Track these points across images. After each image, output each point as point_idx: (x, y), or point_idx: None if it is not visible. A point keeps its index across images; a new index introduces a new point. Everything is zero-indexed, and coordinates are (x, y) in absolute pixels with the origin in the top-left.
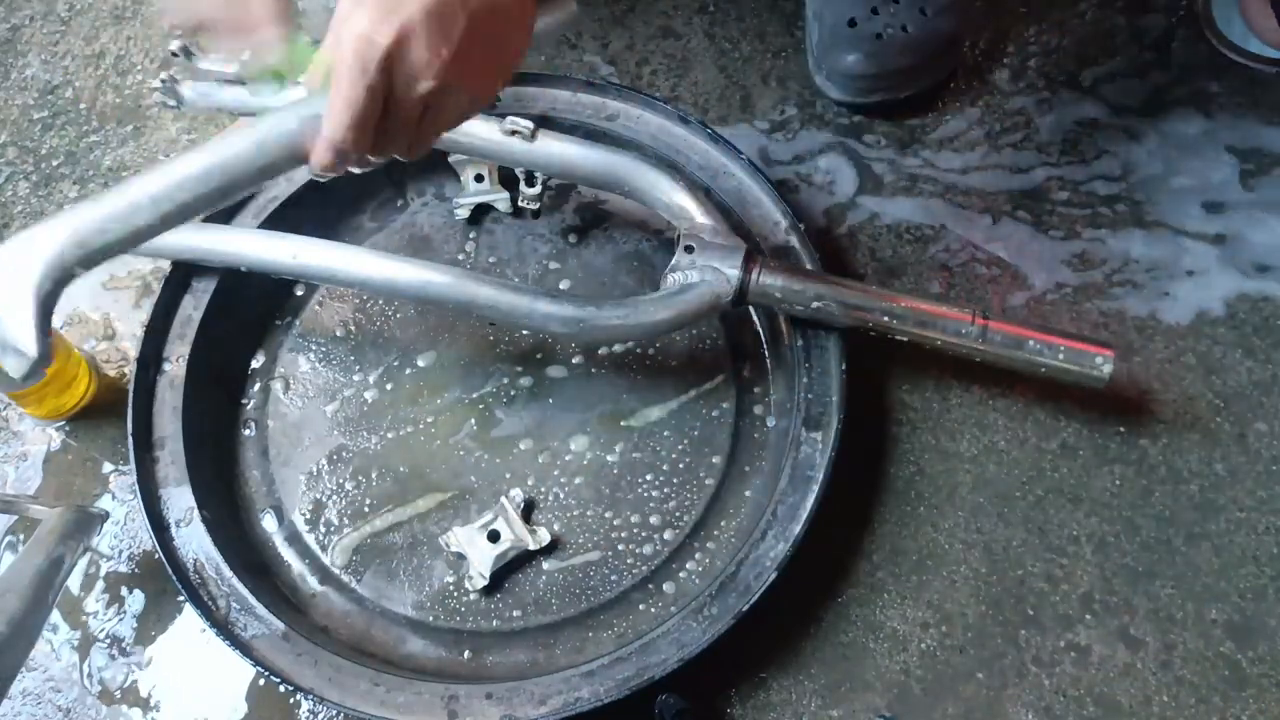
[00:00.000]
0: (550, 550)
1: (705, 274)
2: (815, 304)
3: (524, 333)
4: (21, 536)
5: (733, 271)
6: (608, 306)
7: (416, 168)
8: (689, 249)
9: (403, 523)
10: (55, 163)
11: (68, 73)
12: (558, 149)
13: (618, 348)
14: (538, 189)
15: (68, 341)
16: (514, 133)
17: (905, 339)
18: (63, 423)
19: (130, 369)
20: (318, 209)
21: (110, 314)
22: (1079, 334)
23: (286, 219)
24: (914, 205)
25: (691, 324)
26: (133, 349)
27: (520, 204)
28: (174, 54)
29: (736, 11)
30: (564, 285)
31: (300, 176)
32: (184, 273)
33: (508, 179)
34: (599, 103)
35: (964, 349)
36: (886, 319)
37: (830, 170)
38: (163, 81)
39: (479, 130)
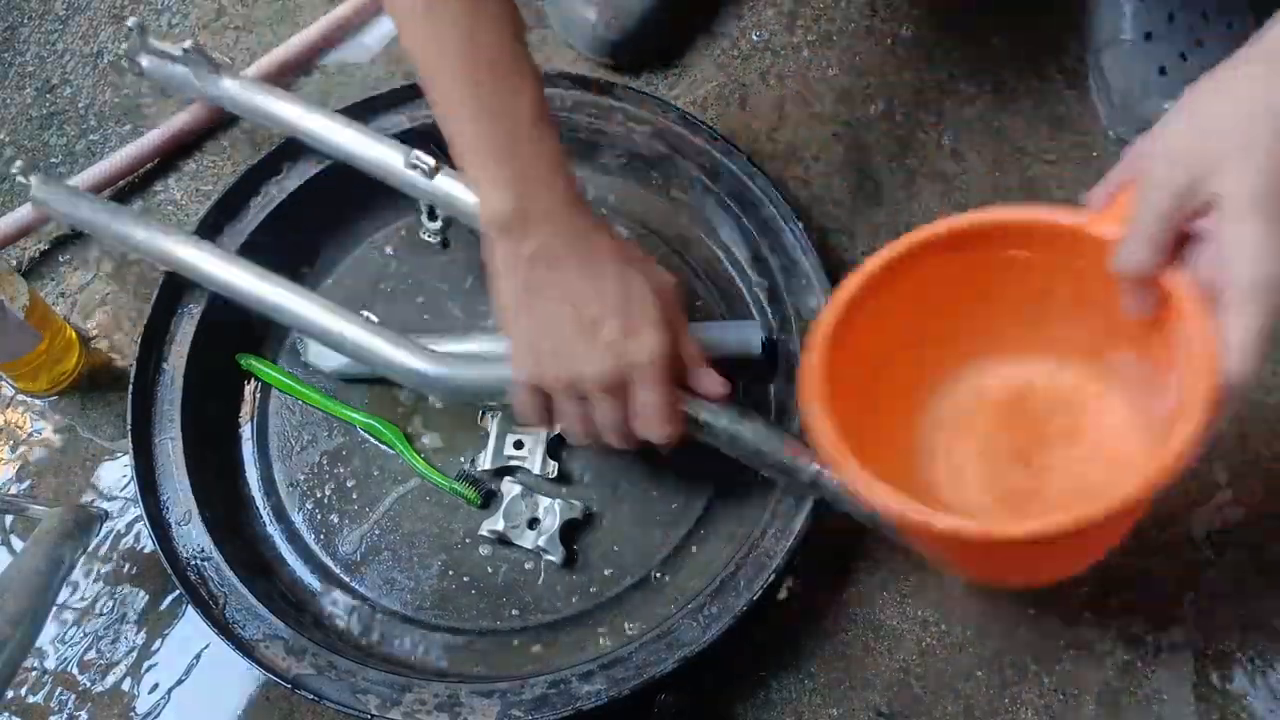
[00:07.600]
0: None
1: None
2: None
3: None
4: (19, 536)
5: None
6: (460, 365)
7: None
8: None
9: (402, 522)
10: (54, 162)
11: (66, 72)
12: (454, 190)
13: None
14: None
15: (55, 312)
16: (414, 167)
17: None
18: (62, 418)
19: (130, 369)
20: (322, 208)
21: (110, 314)
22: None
23: (290, 216)
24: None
25: None
26: (133, 349)
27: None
28: (129, 29)
29: (736, 10)
30: None
31: (290, 185)
32: None
33: None
34: (599, 102)
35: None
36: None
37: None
38: (127, 51)
39: (383, 158)
